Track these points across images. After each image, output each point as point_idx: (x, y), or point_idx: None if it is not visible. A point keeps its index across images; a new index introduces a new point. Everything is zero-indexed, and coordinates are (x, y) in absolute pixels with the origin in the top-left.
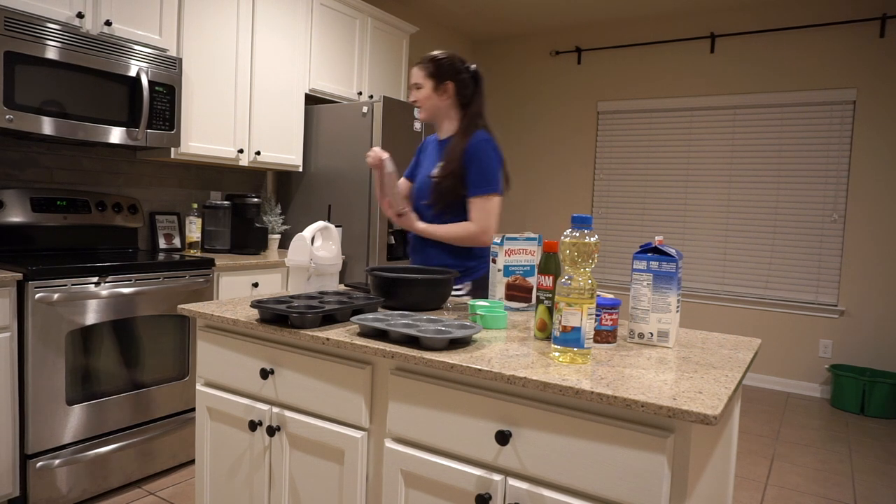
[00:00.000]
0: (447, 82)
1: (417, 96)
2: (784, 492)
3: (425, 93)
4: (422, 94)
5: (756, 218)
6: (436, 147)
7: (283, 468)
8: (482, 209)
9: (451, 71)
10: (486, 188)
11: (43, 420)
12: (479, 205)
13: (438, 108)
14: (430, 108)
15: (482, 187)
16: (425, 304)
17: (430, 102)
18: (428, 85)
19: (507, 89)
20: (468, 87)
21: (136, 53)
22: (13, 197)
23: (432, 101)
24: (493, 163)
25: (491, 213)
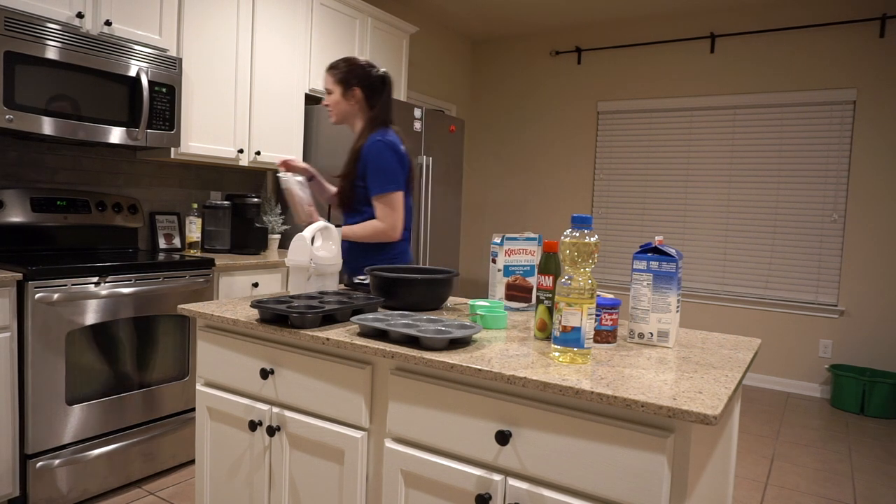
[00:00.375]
0: (354, 88)
1: (327, 101)
2: (784, 492)
3: (334, 98)
4: (331, 100)
5: (756, 218)
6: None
7: (283, 468)
8: (385, 207)
9: (358, 76)
10: (386, 187)
11: (43, 420)
12: (382, 203)
13: (347, 113)
14: (339, 112)
15: (381, 187)
16: (425, 304)
17: (339, 107)
18: (337, 90)
19: (507, 89)
20: (377, 92)
21: (136, 53)
22: (13, 197)
23: (341, 106)
24: (389, 162)
25: (395, 209)
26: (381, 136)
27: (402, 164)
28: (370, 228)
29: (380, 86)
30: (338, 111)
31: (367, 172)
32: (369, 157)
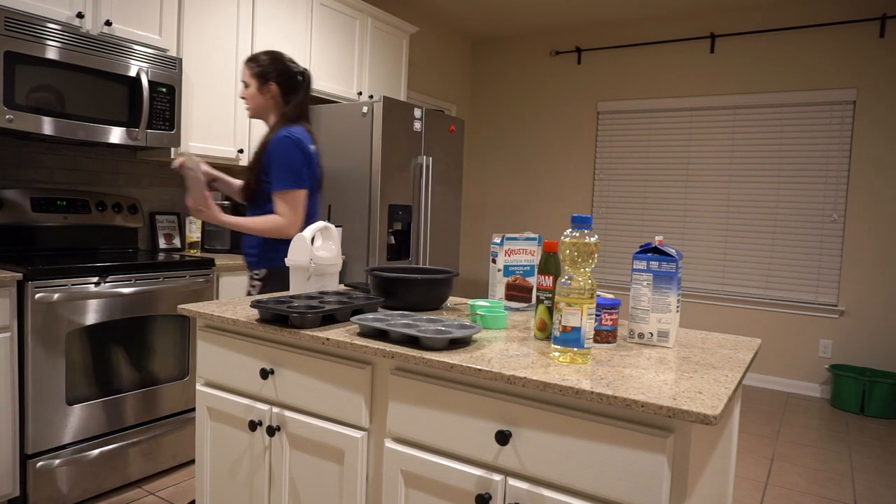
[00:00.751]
0: (270, 83)
1: (244, 94)
2: (784, 492)
3: (251, 91)
4: (247, 93)
5: (756, 218)
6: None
7: (283, 468)
8: (286, 203)
9: (277, 71)
10: (288, 183)
11: (43, 420)
12: (283, 199)
13: (262, 107)
14: (255, 106)
15: (284, 183)
16: (425, 304)
17: (254, 101)
18: (253, 84)
19: (507, 89)
20: (294, 89)
21: (136, 53)
22: (13, 197)
23: (257, 100)
24: (294, 158)
25: (295, 206)
26: (289, 132)
27: (309, 162)
28: (270, 223)
29: (297, 83)
30: (254, 104)
31: (272, 167)
32: (274, 152)
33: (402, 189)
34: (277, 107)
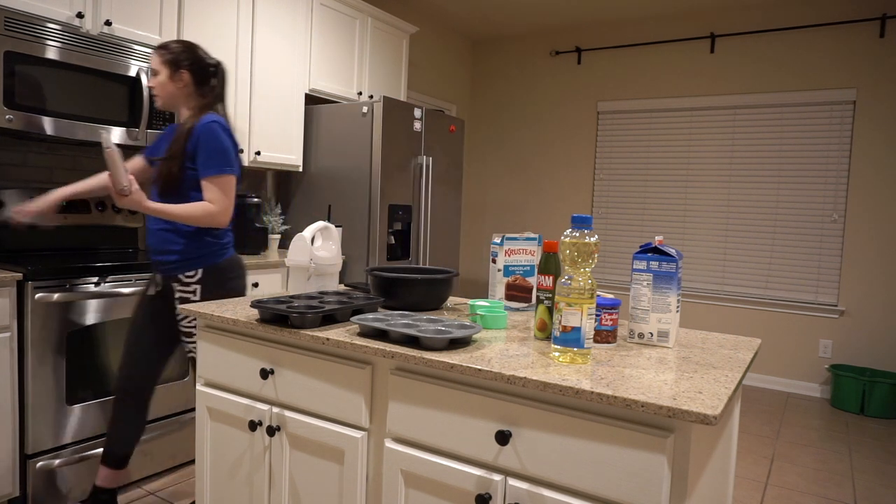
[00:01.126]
0: (182, 71)
1: (153, 83)
2: (784, 492)
3: (161, 80)
4: (157, 81)
5: (756, 218)
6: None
7: (283, 468)
8: (218, 189)
9: (187, 59)
10: (221, 168)
11: (43, 420)
12: (215, 184)
13: (174, 96)
14: (165, 95)
15: (216, 167)
16: (425, 304)
17: (165, 90)
18: (164, 72)
19: (507, 89)
20: (208, 79)
21: (136, 53)
22: (13, 197)
23: (167, 89)
24: (225, 143)
25: (227, 192)
26: (216, 118)
27: (236, 148)
28: (200, 209)
29: (210, 73)
30: (164, 93)
31: (200, 153)
32: (203, 138)
33: (402, 189)
34: (191, 97)
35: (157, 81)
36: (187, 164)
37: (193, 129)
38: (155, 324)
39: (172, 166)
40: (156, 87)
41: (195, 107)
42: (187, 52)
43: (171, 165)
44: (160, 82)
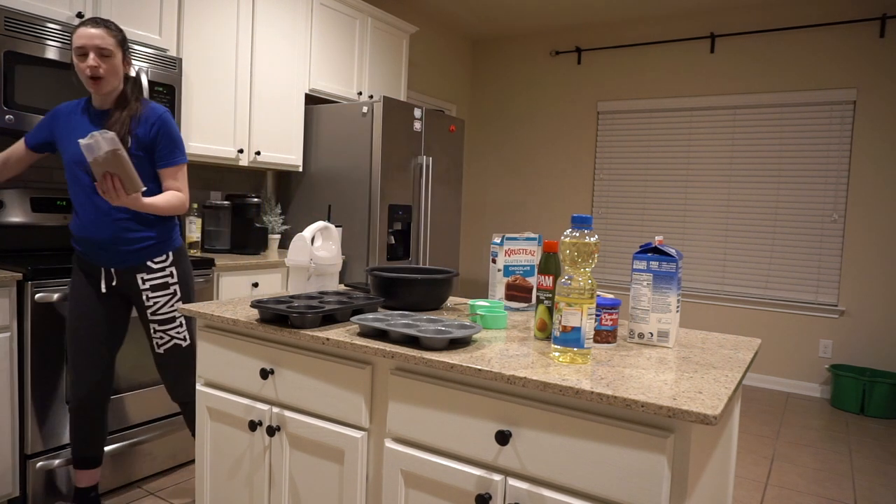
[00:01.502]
0: (128, 52)
1: (105, 65)
2: (784, 492)
3: (116, 63)
4: (113, 65)
5: (756, 218)
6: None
7: (283, 468)
8: (182, 177)
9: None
10: (182, 157)
11: (43, 420)
12: (179, 173)
13: (117, 80)
14: (115, 79)
15: (179, 157)
16: (425, 304)
17: (117, 73)
18: (118, 53)
19: (507, 89)
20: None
21: (136, 53)
22: (13, 197)
23: (119, 72)
24: (178, 132)
25: (186, 180)
26: (163, 107)
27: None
28: (175, 199)
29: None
30: (115, 77)
31: (162, 142)
32: (164, 128)
33: (402, 189)
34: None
35: (111, 63)
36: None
37: (145, 118)
38: (111, 321)
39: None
40: (108, 70)
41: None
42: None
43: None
44: (114, 65)
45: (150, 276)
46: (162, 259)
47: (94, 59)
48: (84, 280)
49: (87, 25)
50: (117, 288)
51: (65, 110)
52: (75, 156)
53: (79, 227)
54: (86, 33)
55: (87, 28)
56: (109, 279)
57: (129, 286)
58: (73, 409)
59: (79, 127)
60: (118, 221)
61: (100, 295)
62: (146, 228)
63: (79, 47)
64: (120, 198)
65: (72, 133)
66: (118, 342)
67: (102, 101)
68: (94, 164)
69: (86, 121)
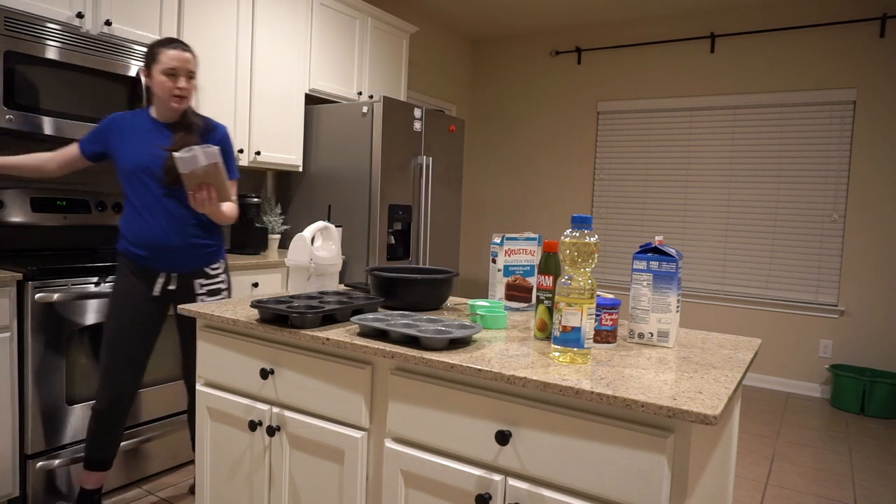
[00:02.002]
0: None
1: (190, 87)
2: (784, 492)
3: (195, 83)
4: (193, 85)
5: (756, 218)
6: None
7: (283, 468)
8: (234, 191)
9: None
10: (237, 173)
11: (43, 420)
12: (234, 187)
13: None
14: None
15: (236, 172)
16: (425, 304)
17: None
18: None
19: (507, 89)
20: None
21: (136, 53)
22: (13, 197)
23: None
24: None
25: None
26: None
27: None
28: (233, 211)
29: None
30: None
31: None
32: (226, 142)
33: (402, 189)
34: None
35: (192, 85)
36: None
37: (212, 132)
38: (156, 325)
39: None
40: (191, 91)
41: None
42: None
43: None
44: (194, 86)
45: (206, 282)
46: (217, 266)
47: (184, 81)
48: (134, 285)
49: (177, 48)
50: (173, 292)
51: (122, 121)
52: (142, 164)
53: (145, 232)
54: (180, 56)
55: (178, 51)
56: (167, 283)
57: (185, 291)
58: (101, 412)
59: (144, 138)
60: (187, 227)
61: (150, 300)
62: (207, 236)
63: (170, 68)
64: (210, 206)
65: (138, 143)
66: (154, 346)
67: (167, 115)
68: (190, 176)
69: (151, 132)
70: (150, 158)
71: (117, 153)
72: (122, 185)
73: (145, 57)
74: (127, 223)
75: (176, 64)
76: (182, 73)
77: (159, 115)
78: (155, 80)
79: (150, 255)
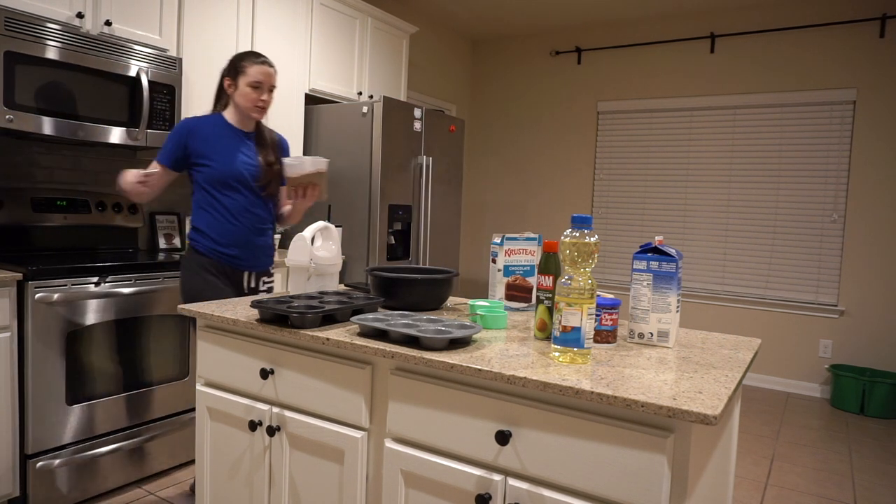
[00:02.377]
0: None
1: (269, 100)
2: (784, 492)
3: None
4: (272, 97)
5: (756, 218)
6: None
7: (283, 468)
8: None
9: None
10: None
11: (43, 420)
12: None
13: None
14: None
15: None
16: (425, 304)
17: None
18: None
19: (507, 89)
20: None
21: (136, 53)
22: (13, 197)
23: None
24: None
25: None
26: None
27: None
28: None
29: None
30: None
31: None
32: (286, 148)
33: (402, 189)
34: None
35: (272, 97)
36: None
37: (278, 140)
38: None
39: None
40: (269, 103)
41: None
42: None
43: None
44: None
45: (268, 280)
46: (273, 266)
47: (266, 94)
48: (213, 282)
49: (263, 63)
50: (252, 289)
51: (201, 126)
52: (235, 172)
53: (236, 233)
54: (265, 71)
55: (264, 66)
56: (249, 282)
57: (255, 289)
58: None
59: (232, 145)
60: (267, 230)
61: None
62: (272, 237)
63: (256, 81)
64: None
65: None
66: None
67: (245, 124)
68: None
69: (235, 140)
70: (243, 167)
71: (203, 158)
72: (206, 189)
73: (230, 66)
74: (213, 225)
75: (262, 78)
76: (266, 86)
77: (237, 122)
78: (240, 90)
79: (240, 255)
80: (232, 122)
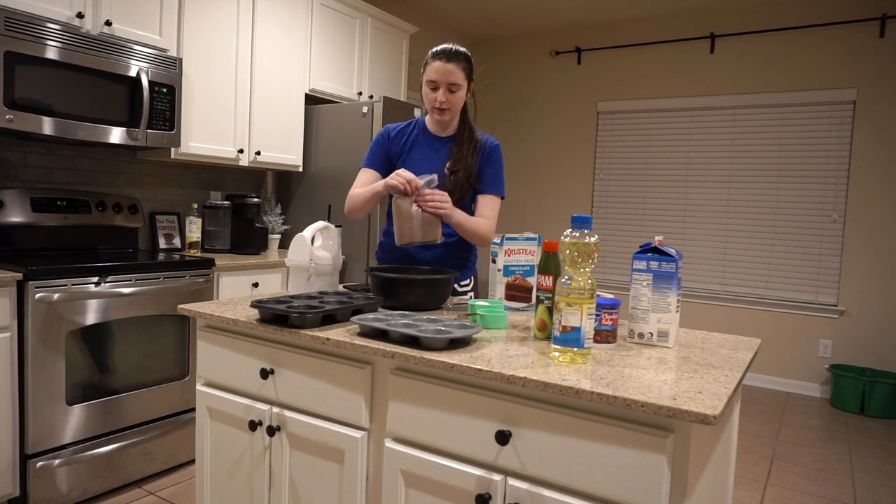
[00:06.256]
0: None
1: (454, 100)
2: (784, 492)
3: (462, 95)
4: (459, 97)
5: (756, 218)
6: (428, 139)
7: (283, 468)
8: (495, 209)
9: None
10: (502, 191)
11: (43, 420)
12: (494, 205)
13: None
14: (456, 110)
15: (500, 189)
16: (425, 304)
17: (459, 105)
18: (465, 84)
19: (507, 89)
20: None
21: (136, 53)
22: (13, 197)
23: (461, 105)
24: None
25: (497, 214)
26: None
27: None
28: (482, 225)
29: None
30: (457, 110)
31: (488, 170)
32: (495, 156)
33: None
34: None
35: (458, 97)
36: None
37: (483, 145)
38: None
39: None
40: (454, 103)
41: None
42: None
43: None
44: (460, 98)
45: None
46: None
47: (443, 94)
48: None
49: (441, 59)
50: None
51: (398, 132)
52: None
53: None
54: (441, 69)
55: (441, 62)
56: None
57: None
58: None
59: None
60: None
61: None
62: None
63: (431, 80)
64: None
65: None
66: None
67: (442, 128)
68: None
69: (428, 148)
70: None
71: (397, 167)
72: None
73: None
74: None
75: (435, 76)
76: (442, 85)
77: (433, 126)
78: (423, 90)
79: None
80: (428, 126)
